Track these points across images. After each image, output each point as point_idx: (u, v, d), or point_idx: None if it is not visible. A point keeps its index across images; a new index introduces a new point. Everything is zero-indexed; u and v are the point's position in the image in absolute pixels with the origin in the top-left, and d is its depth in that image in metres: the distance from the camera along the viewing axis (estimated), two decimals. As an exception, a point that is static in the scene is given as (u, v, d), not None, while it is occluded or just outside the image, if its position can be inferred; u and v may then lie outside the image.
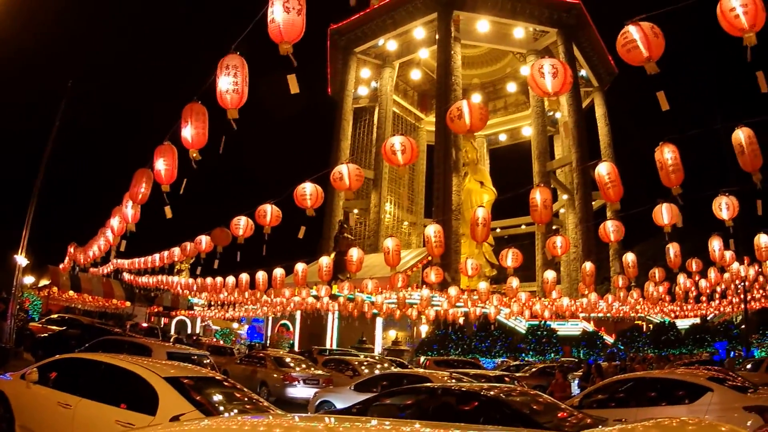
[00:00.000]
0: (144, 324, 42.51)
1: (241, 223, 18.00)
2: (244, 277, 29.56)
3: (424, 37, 57.99)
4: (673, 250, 18.84)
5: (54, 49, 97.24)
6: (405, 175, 63.99)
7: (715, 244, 19.16)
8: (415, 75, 66.54)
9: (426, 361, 27.02)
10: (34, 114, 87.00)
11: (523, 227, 65.25)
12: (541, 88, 9.13)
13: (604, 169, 12.89)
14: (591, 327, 41.79)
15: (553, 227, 44.39)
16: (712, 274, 25.74)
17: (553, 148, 64.96)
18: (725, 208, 14.33)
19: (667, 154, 11.13)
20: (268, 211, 16.34)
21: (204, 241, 21.40)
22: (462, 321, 37.35)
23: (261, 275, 27.99)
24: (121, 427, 6.26)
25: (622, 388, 10.05)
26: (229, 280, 31.45)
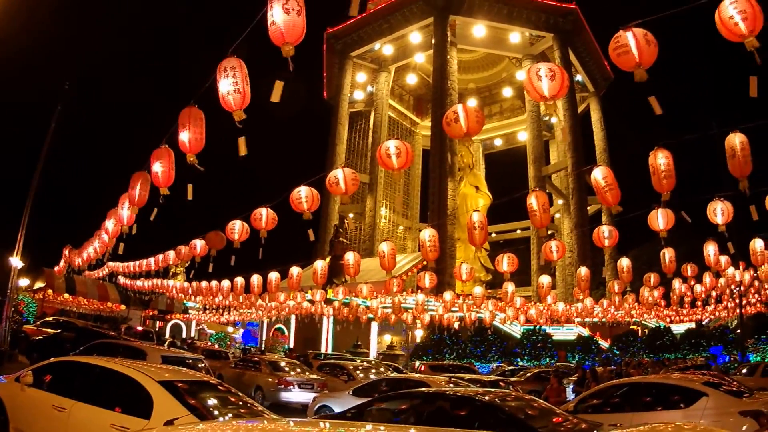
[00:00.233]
0: (139, 327, 42.46)
1: (236, 228, 17.89)
2: (240, 280, 29.51)
3: (420, 42, 58.08)
4: (668, 254, 18.86)
5: (51, 49, 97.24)
6: (400, 179, 63.91)
7: (710, 249, 19.19)
8: (410, 79, 66.60)
9: (421, 366, 26.94)
10: (31, 115, 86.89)
11: (519, 232, 65.39)
12: (538, 92, 9.13)
13: (601, 174, 12.92)
14: (586, 332, 41.73)
15: (549, 232, 44.38)
16: (708, 278, 25.81)
17: (549, 152, 65.00)
18: (720, 213, 14.36)
19: (660, 160, 11.17)
20: (264, 214, 16.31)
21: (199, 244, 21.35)
22: (457, 326, 37.32)
23: (256, 279, 27.98)
24: (116, 431, 6.25)
25: (618, 392, 10.02)
26: (225, 283, 31.37)
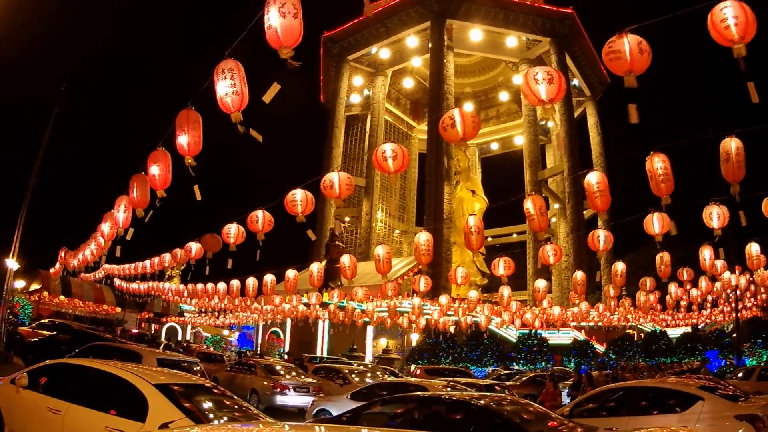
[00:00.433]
0: (134, 330, 42.41)
1: (232, 231, 17.85)
2: (235, 283, 29.43)
3: (417, 46, 58.07)
4: (664, 259, 18.88)
5: (49, 50, 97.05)
6: (397, 183, 63.82)
7: (706, 253, 19.23)
8: (407, 83, 66.59)
9: (417, 370, 26.90)
10: (27, 115, 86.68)
11: (515, 236, 65.37)
12: (536, 95, 9.14)
13: (594, 178, 12.96)
14: (582, 336, 41.79)
15: (545, 236, 44.42)
16: (704, 282, 25.84)
17: (545, 157, 65.07)
18: (715, 217, 14.41)
19: (657, 164, 11.20)
20: (261, 216, 16.28)
21: (194, 247, 21.31)
22: (453, 330, 37.28)
23: (252, 282, 27.86)
24: (111, 434, 6.23)
25: (613, 397, 10.02)
26: (220, 286, 31.29)
